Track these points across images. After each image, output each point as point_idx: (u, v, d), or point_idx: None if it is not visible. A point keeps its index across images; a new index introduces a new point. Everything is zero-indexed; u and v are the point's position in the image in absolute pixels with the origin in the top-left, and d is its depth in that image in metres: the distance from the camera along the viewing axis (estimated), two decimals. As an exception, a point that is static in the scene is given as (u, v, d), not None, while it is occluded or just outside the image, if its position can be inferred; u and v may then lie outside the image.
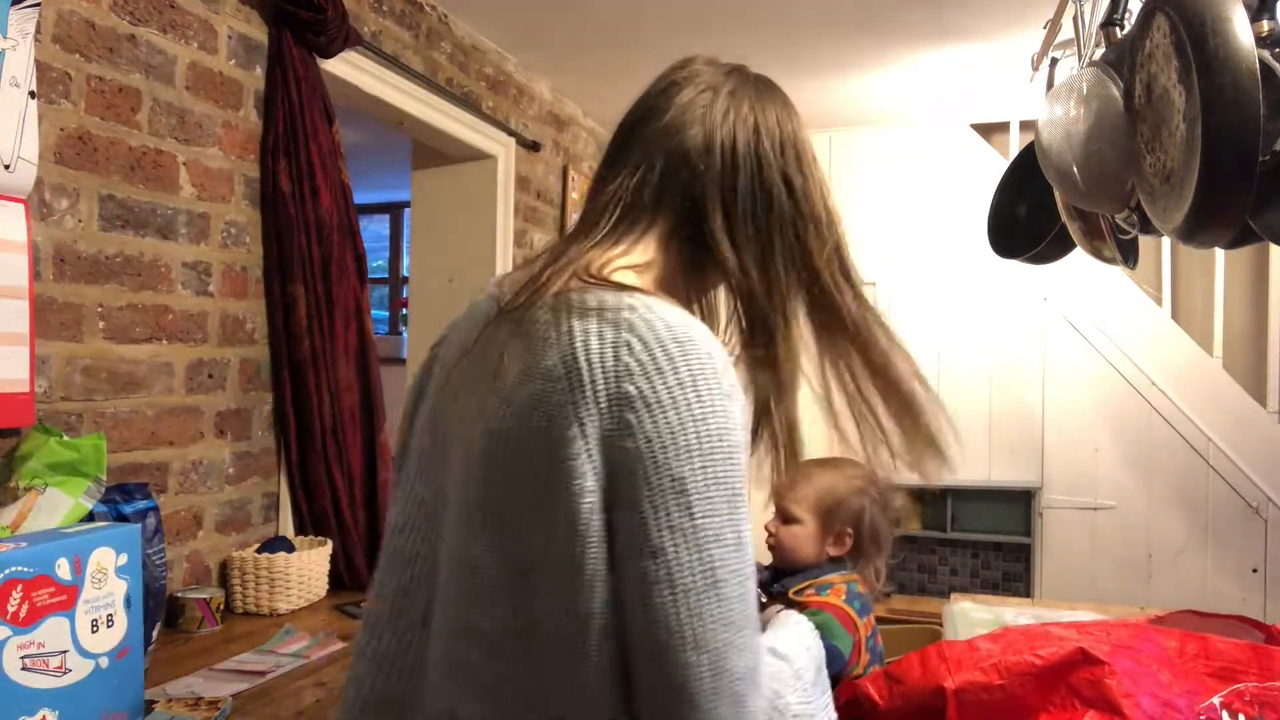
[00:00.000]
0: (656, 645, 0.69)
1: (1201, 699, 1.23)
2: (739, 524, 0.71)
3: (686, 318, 0.75)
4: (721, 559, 0.69)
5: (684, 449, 0.70)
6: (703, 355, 0.72)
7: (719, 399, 0.72)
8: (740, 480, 0.72)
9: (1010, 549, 3.87)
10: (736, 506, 0.71)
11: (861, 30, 2.97)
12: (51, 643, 1.12)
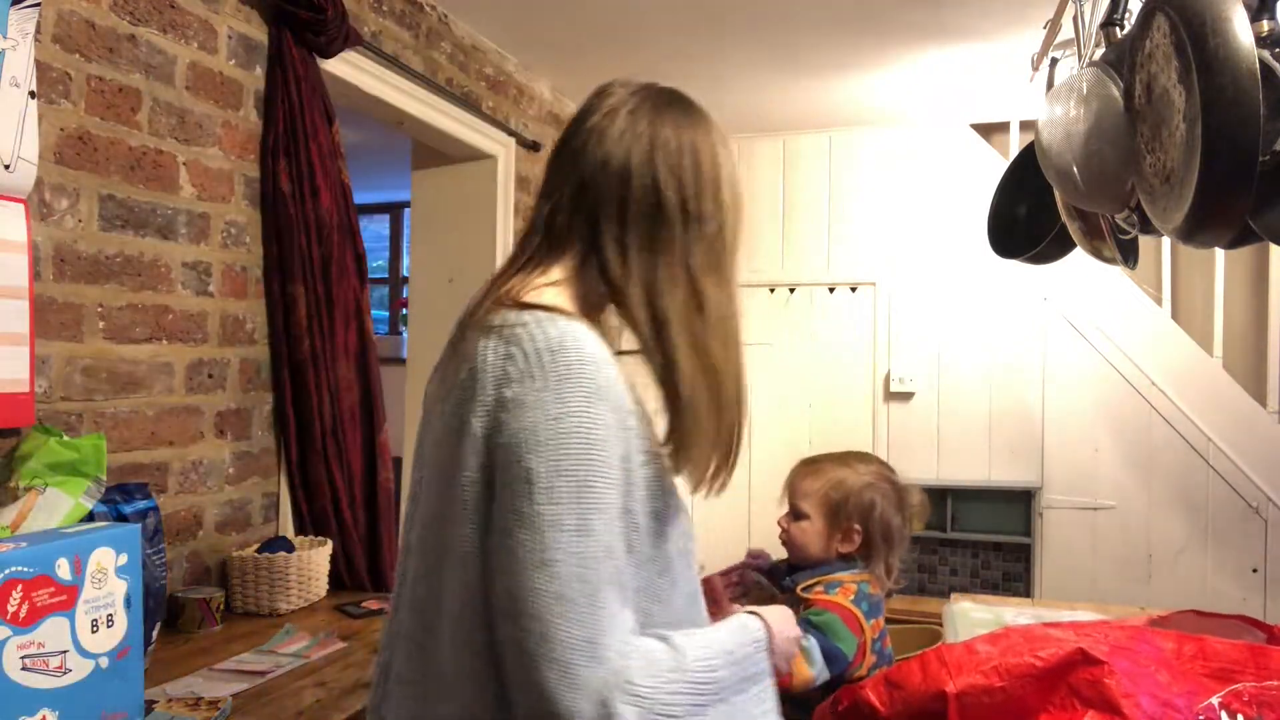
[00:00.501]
0: (502, 610, 0.81)
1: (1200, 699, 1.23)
2: (585, 512, 0.80)
3: (569, 329, 0.86)
4: (555, 541, 0.79)
5: (536, 444, 0.81)
6: (571, 362, 0.83)
7: (579, 401, 0.82)
8: (594, 473, 0.81)
9: (1010, 549, 3.87)
10: (583, 496, 0.80)
11: (861, 30, 2.97)
12: (51, 643, 1.12)
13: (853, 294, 4.10)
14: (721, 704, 0.87)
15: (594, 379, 0.83)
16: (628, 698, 0.78)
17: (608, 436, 0.83)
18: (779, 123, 4.05)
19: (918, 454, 3.98)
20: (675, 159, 0.96)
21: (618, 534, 0.83)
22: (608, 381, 0.84)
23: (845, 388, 4.09)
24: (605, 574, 0.80)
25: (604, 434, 0.82)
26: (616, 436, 0.84)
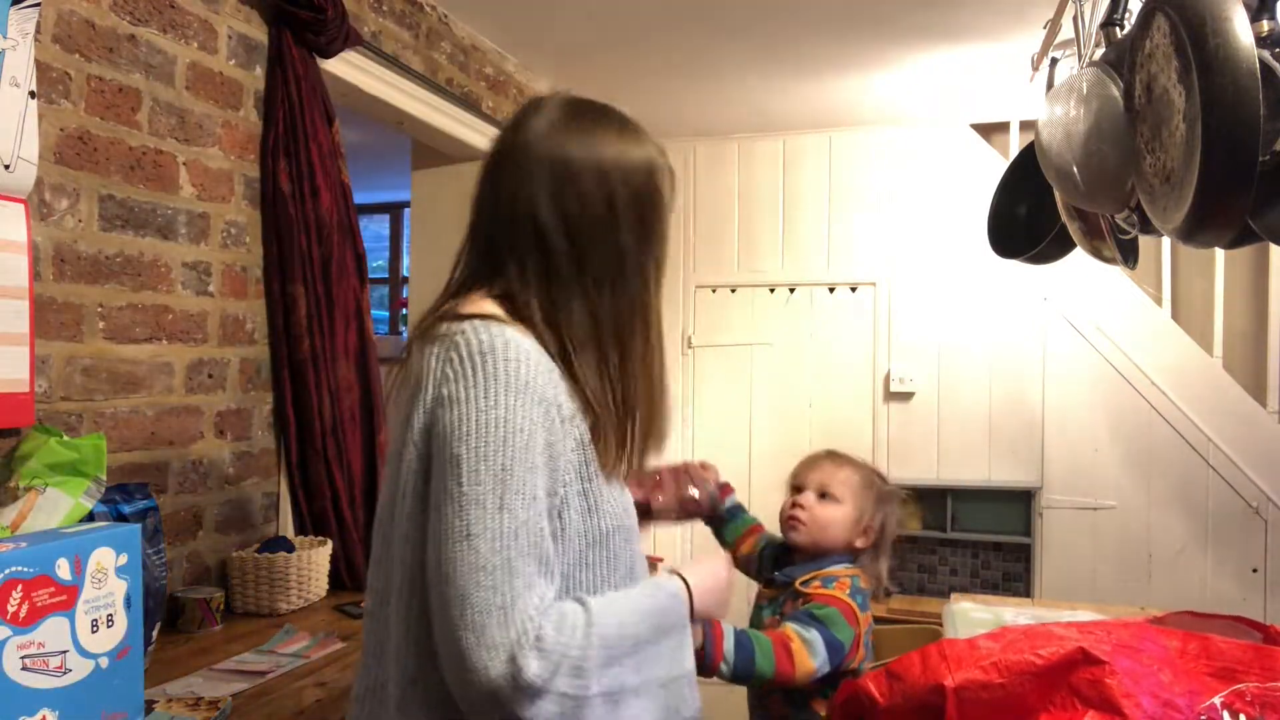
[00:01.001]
0: (431, 579, 0.91)
1: (1202, 699, 1.23)
2: (504, 493, 0.90)
3: (500, 333, 0.95)
4: (477, 518, 0.89)
5: (464, 434, 0.91)
6: (499, 362, 0.93)
7: (503, 396, 0.92)
8: (514, 459, 0.91)
9: (1010, 549, 3.87)
10: (505, 480, 0.90)
11: (861, 30, 2.97)
12: (51, 643, 1.12)
13: (853, 294, 4.10)
14: (634, 655, 0.96)
15: (519, 376, 0.94)
16: (534, 652, 0.86)
17: (530, 428, 0.93)
18: (779, 123, 4.05)
19: (918, 454, 3.98)
20: (573, 184, 1.04)
21: (538, 513, 0.92)
22: (533, 378, 0.95)
23: (845, 388, 4.09)
24: (521, 547, 0.89)
25: (526, 425, 0.93)
26: (541, 427, 0.94)
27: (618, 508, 1.07)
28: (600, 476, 1.03)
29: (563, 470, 0.98)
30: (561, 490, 0.98)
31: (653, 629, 1.00)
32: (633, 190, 1.07)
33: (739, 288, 4.24)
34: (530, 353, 0.96)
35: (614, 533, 1.04)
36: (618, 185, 1.06)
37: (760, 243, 4.21)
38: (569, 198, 1.04)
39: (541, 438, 0.94)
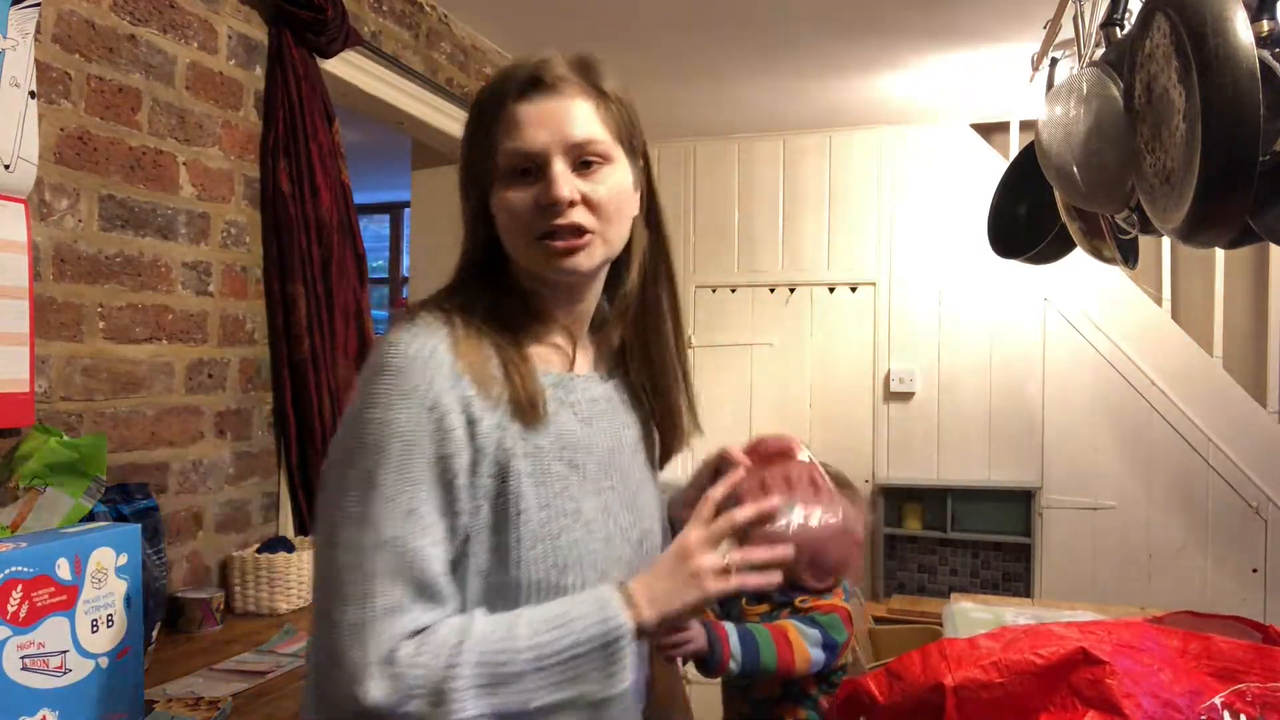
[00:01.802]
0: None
1: (1203, 699, 1.22)
2: (370, 504, 0.85)
3: (406, 333, 0.91)
4: (339, 528, 0.86)
5: (341, 439, 0.89)
6: (386, 365, 0.89)
7: (383, 401, 0.87)
8: (385, 468, 0.85)
9: (1010, 549, 3.87)
10: (370, 488, 0.85)
11: (861, 30, 2.97)
12: (51, 643, 1.12)
13: (853, 294, 4.10)
14: (541, 673, 0.85)
15: (405, 382, 0.88)
16: (382, 677, 0.81)
17: (409, 436, 0.86)
18: (779, 123, 4.05)
19: (918, 454, 3.98)
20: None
21: (414, 530, 0.85)
22: (425, 384, 0.88)
23: (845, 388, 4.08)
24: (382, 566, 0.84)
25: (405, 433, 0.86)
26: (429, 437, 0.87)
27: (567, 558, 0.93)
28: (521, 497, 0.91)
29: (467, 495, 0.89)
30: (465, 518, 0.89)
31: (570, 645, 0.87)
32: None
33: (739, 288, 4.24)
34: (424, 354, 0.89)
35: (540, 591, 0.91)
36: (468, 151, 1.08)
37: (760, 243, 4.21)
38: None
39: (430, 449, 0.87)
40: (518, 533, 0.91)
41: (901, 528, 3.95)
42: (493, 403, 0.91)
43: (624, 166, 1.00)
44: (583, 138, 0.95)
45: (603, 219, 0.96)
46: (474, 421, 0.90)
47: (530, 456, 0.93)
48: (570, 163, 0.95)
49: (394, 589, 0.84)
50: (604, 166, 0.97)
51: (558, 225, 0.94)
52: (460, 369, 0.90)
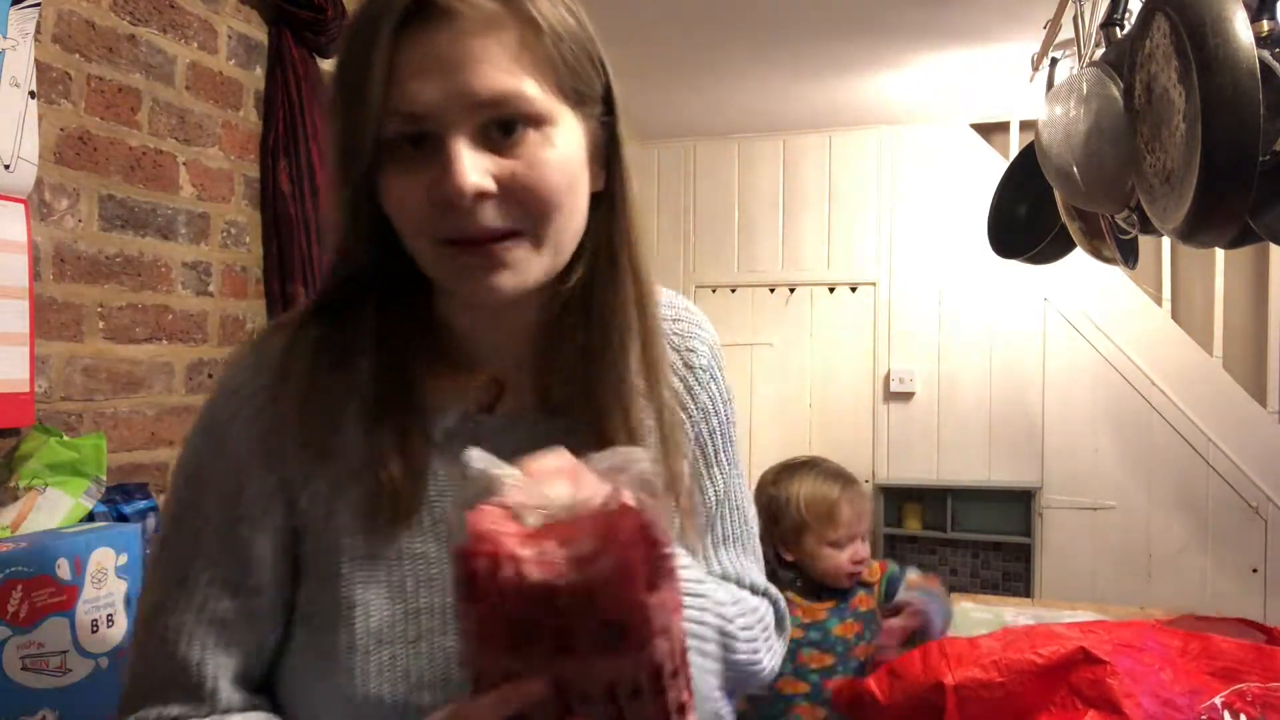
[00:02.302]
0: None
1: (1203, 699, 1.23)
2: (172, 554, 0.70)
3: (236, 359, 0.74)
4: (152, 568, 0.72)
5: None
6: (206, 405, 0.73)
7: (192, 439, 0.72)
8: (182, 505, 0.70)
9: (1010, 549, 3.87)
10: (174, 531, 0.70)
11: (861, 30, 2.97)
12: (51, 643, 1.12)
13: (853, 294, 4.10)
14: None
15: (212, 414, 0.71)
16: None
17: (192, 468, 0.71)
18: (779, 123, 4.05)
19: (918, 454, 3.98)
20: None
21: (176, 600, 0.68)
22: (229, 418, 0.70)
23: (845, 388, 4.08)
24: (144, 635, 0.69)
25: (192, 465, 0.71)
26: (226, 483, 0.69)
27: (423, 670, 0.67)
28: (341, 576, 0.68)
29: (257, 547, 0.69)
30: (256, 579, 0.69)
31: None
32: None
33: (739, 288, 4.24)
34: (241, 378, 0.71)
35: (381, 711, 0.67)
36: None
37: (760, 243, 4.21)
38: None
39: (217, 498, 0.69)
40: (349, 636, 0.67)
41: (901, 528, 3.95)
42: (327, 483, 0.68)
43: (568, 128, 0.67)
44: (495, 92, 0.62)
45: (536, 213, 0.65)
46: (280, 462, 0.69)
47: (363, 562, 0.68)
48: (478, 131, 0.63)
49: (146, 672, 0.69)
50: (534, 131, 0.64)
51: (464, 230, 0.64)
52: (280, 432, 0.68)
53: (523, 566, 0.52)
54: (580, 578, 0.52)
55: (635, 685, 0.53)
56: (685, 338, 0.83)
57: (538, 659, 0.53)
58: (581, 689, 0.53)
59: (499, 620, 0.53)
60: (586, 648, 0.53)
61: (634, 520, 0.53)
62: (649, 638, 0.53)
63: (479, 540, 0.53)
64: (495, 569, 0.52)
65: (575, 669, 0.53)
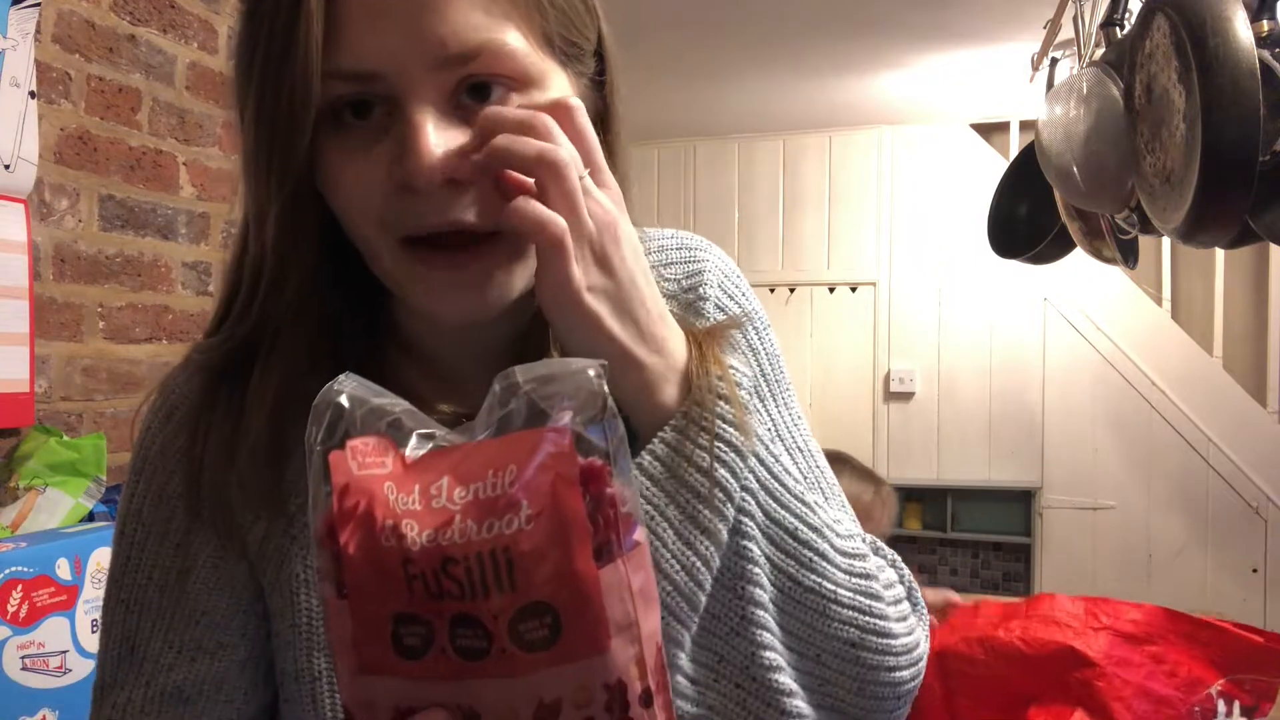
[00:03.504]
0: None
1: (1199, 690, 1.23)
2: (115, 619, 0.58)
3: (165, 382, 0.63)
4: (100, 638, 0.60)
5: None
6: (143, 425, 0.62)
7: (127, 477, 0.61)
8: (122, 558, 0.59)
9: (1010, 549, 3.87)
10: (115, 590, 0.59)
11: (861, 30, 2.97)
12: (51, 643, 1.12)
13: (853, 294, 4.10)
14: None
15: (142, 448, 0.60)
16: None
17: (146, 527, 0.58)
18: (779, 123, 4.05)
19: (918, 454, 3.98)
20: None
21: (134, 665, 0.57)
22: (160, 451, 0.59)
23: (845, 388, 4.09)
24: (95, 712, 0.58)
25: (141, 523, 0.59)
26: (166, 527, 0.58)
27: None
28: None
29: (196, 608, 0.57)
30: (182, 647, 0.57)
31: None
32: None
33: (739, 288, 4.25)
34: (171, 404, 0.61)
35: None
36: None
37: (760, 243, 4.21)
38: None
39: (171, 554, 0.57)
40: (316, 714, 0.56)
41: (901, 527, 3.95)
42: (278, 527, 0.57)
43: (559, 89, 0.53)
44: (467, 44, 0.48)
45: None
46: (244, 544, 0.58)
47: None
48: (445, 96, 0.49)
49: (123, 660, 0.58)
50: (517, 96, 0.51)
51: (429, 225, 0.50)
52: (220, 466, 0.56)
53: (402, 524, 0.35)
54: (489, 535, 0.34)
55: (582, 714, 0.34)
56: (685, 279, 0.64)
57: (437, 678, 0.35)
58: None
59: (378, 621, 0.36)
60: (506, 650, 0.34)
61: (568, 444, 0.35)
62: (601, 634, 0.34)
63: (344, 494, 0.36)
64: (370, 535, 0.35)
65: (493, 689, 0.34)
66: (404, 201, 0.49)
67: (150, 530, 0.58)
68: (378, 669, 0.36)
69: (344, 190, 0.51)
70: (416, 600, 0.35)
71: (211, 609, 0.56)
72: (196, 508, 0.56)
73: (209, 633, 0.56)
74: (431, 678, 0.35)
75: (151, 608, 0.57)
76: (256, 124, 0.50)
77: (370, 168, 0.49)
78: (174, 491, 0.57)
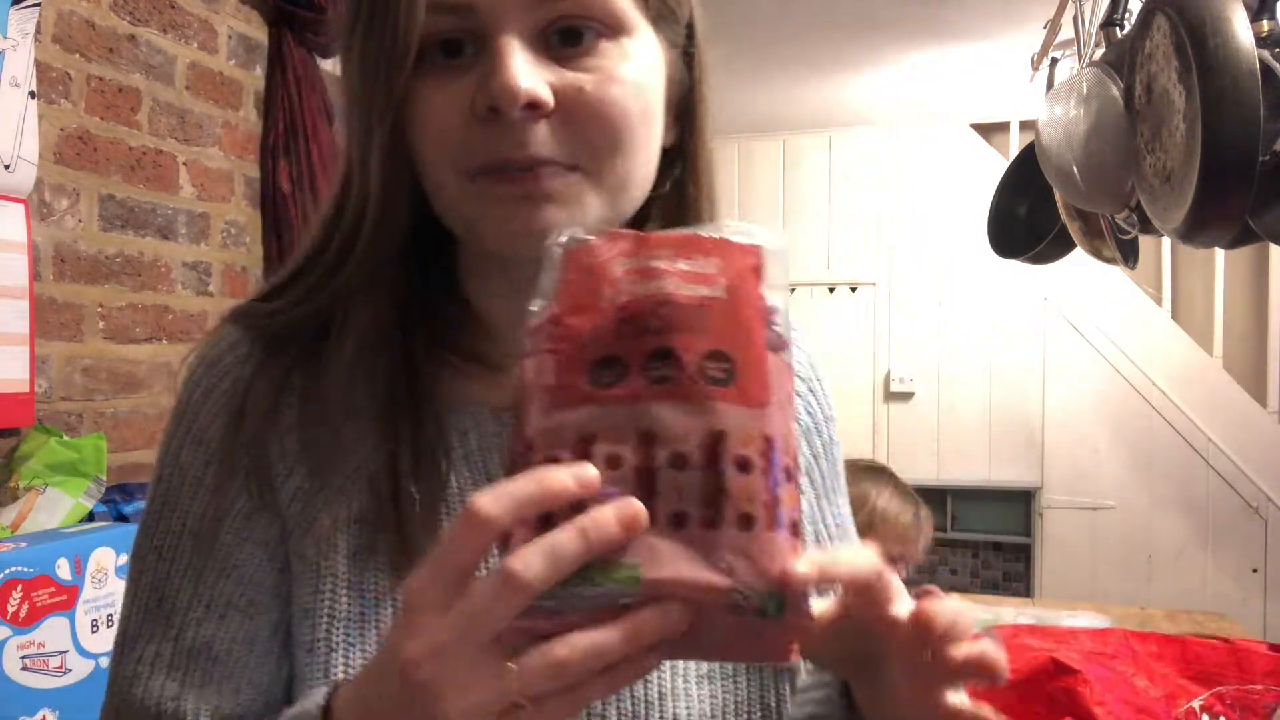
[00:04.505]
0: None
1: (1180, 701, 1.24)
2: (146, 569, 0.56)
3: (217, 328, 0.60)
4: (127, 589, 0.58)
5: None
6: (188, 369, 0.60)
7: (166, 437, 0.59)
8: (155, 507, 0.57)
9: (1010, 549, 3.87)
10: (146, 540, 0.57)
11: (861, 30, 2.97)
12: (51, 643, 1.12)
13: (853, 294, 4.10)
14: None
15: (186, 392, 0.58)
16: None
17: (181, 474, 0.57)
18: (779, 123, 4.05)
19: (918, 454, 3.98)
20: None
21: (163, 618, 0.55)
22: (203, 396, 0.57)
23: (845, 388, 4.08)
24: (125, 671, 0.55)
25: (177, 470, 0.57)
26: (202, 475, 0.56)
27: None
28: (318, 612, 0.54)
29: (241, 563, 0.55)
30: (227, 596, 0.55)
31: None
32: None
33: (739, 288, 4.25)
34: (219, 351, 0.58)
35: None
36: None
37: (760, 243, 4.21)
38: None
39: (198, 501, 0.56)
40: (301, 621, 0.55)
41: (901, 528, 3.95)
42: (312, 480, 0.55)
43: (648, 46, 0.54)
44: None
45: (600, 145, 0.51)
46: (266, 463, 0.56)
47: (348, 595, 0.54)
48: (535, 34, 0.50)
49: (122, 705, 0.55)
50: (608, 42, 0.51)
51: (505, 152, 0.50)
52: (263, 411, 0.56)
53: (625, 276, 0.41)
54: (694, 294, 0.40)
55: (742, 453, 0.38)
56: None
57: (623, 403, 0.39)
58: (675, 447, 0.38)
59: (579, 364, 0.40)
60: (693, 380, 0.39)
61: (754, 259, 0.42)
62: (764, 392, 0.40)
63: (569, 268, 0.42)
64: (589, 293, 0.41)
65: (671, 412, 0.38)
66: (483, 130, 0.49)
67: (186, 475, 0.56)
68: (569, 404, 0.40)
69: (425, 122, 0.51)
70: (621, 340, 0.40)
71: (243, 563, 0.55)
72: (233, 455, 0.55)
73: (239, 588, 0.55)
74: (618, 403, 0.39)
75: (184, 555, 0.55)
76: (362, 60, 0.52)
77: (452, 97, 0.50)
78: (213, 437, 0.56)
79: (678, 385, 0.39)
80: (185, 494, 0.56)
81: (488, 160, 0.50)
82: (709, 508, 0.38)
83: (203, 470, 0.56)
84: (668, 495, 0.38)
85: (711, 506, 0.38)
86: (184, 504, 0.56)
